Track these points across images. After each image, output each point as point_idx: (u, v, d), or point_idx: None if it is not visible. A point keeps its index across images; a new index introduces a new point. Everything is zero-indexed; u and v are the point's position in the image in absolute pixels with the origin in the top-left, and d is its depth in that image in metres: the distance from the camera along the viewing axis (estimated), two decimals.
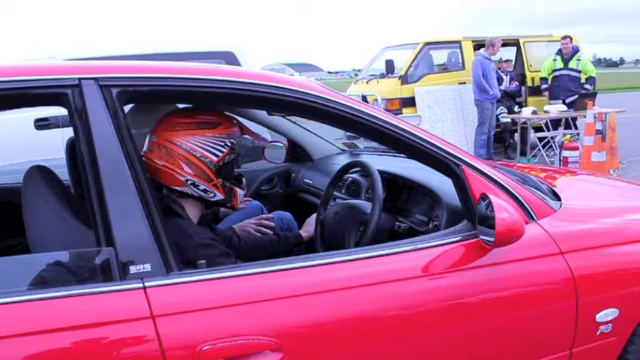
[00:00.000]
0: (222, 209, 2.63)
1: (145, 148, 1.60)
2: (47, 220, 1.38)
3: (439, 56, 9.48)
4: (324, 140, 3.11)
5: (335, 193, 2.40)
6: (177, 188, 1.58)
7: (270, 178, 3.11)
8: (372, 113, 1.49)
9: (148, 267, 1.20)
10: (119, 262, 1.18)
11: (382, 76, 9.05)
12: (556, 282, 1.57)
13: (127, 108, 2.50)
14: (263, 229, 2.33)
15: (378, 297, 1.39)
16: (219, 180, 1.61)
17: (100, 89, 1.27)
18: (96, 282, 1.18)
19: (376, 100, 8.45)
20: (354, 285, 1.38)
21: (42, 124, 5.58)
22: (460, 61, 9.02)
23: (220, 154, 1.59)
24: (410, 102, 8.51)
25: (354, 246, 1.84)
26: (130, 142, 1.26)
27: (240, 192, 1.72)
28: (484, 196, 1.46)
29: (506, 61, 9.02)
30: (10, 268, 1.21)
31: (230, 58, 5.70)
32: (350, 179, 2.43)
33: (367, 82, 9.40)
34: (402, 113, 8.28)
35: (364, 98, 8.77)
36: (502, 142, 8.65)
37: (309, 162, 3.07)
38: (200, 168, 1.57)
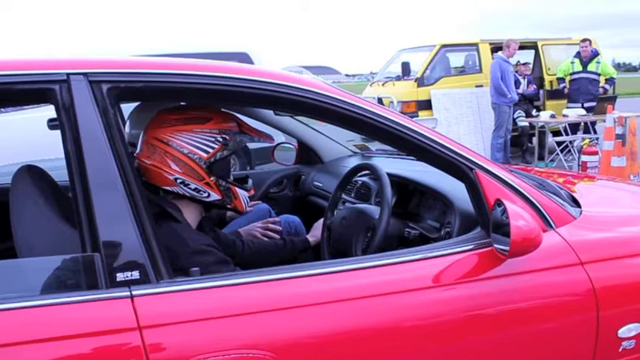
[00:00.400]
0: (228, 213, 2.56)
1: (138, 148, 1.53)
2: (35, 222, 1.32)
3: (456, 59, 9.35)
4: (335, 142, 3.02)
5: (344, 196, 2.31)
6: (169, 188, 1.50)
7: (280, 181, 3.03)
8: (380, 113, 1.40)
9: (136, 274, 1.13)
10: (105, 268, 1.11)
11: (398, 78, 8.97)
12: (575, 294, 1.46)
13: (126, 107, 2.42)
14: (270, 233, 2.25)
15: (385, 309, 1.31)
16: (211, 178, 1.52)
17: (90, 85, 1.20)
18: (80, 290, 1.11)
19: (392, 102, 8.36)
20: (359, 296, 1.29)
21: (55, 123, 5.56)
22: (477, 63, 8.89)
23: (210, 151, 1.50)
24: (426, 104, 8.40)
25: (361, 253, 1.75)
26: (120, 142, 1.19)
27: (244, 193, 1.63)
28: (499, 202, 1.37)
29: (524, 64, 8.87)
30: None
31: (244, 59, 5.67)
32: (360, 182, 2.34)
33: (383, 85, 9.31)
34: (418, 116, 8.18)
35: (380, 100, 8.69)
36: (519, 146, 8.50)
37: (319, 164, 2.98)
38: (189, 165, 1.49)
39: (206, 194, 1.53)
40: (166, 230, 1.43)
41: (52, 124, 5.56)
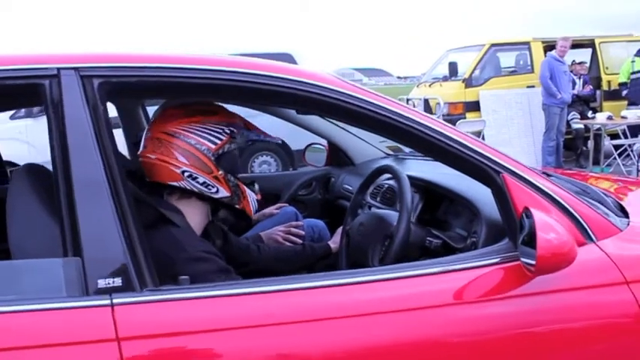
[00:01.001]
0: (255, 215, 2.48)
1: (141, 146, 1.46)
2: (28, 223, 1.26)
3: (507, 58, 9.03)
4: (367, 143, 2.89)
5: (370, 201, 2.19)
6: (175, 184, 1.43)
7: (309, 183, 2.92)
8: (394, 109, 1.28)
9: (118, 281, 1.05)
10: (86, 274, 1.04)
11: (445, 79, 8.73)
12: (619, 318, 1.29)
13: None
14: (292, 237, 2.16)
15: (398, 327, 1.18)
16: (220, 172, 1.45)
17: (81, 80, 1.13)
18: (57, 296, 1.04)
19: (439, 103, 8.15)
20: (369, 312, 1.17)
21: None
22: (529, 63, 8.55)
23: (218, 142, 1.43)
24: (474, 106, 8.13)
25: (378, 263, 1.62)
26: (109, 141, 1.12)
27: (252, 196, 1.54)
28: (527, 211, 1.22)
29: (579, 63, 8.46)
30: None
31: (288, 60, 5.63)
32: (386, 186, 2.20)
33: (430, 86, 9.11)
34: (465, 118, 7.94)
35: (426, 102, 8.50)
36: (574, 149, 8.10)
37: (350, 166, 2.86)
38: (196, 157, 1.41)
39: (215, 189, 1.46)
40: (164, 235, 1.35)
41: None
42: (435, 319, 1.21)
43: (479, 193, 1.63)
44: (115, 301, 1.04)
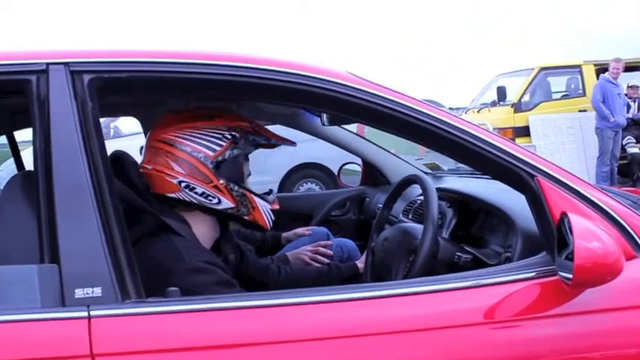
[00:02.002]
0: (283, 235, 2.38)
1: (142, 155, 1.38)
2: (16, 230, 1.18)
3: (557, 82, 8.75)
4: (403, 161, 2.77)
5: (402, 218, 2.05)
6: (172, 195, 1.32)
7: (342, 203, 2.82)
8: (415, 107, 1.15)
9: (97, 291, 0.95)
10: (63, 282, 0.94)
11: (494, 104, 8.52)
12: None
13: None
14: (319, 257, 2.03)
15: (417, 349, 1.04)
16: (220, 181, 1.32)
17: (71, 75, 1.06)
18: (31, 307, 0.94)
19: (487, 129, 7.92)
20: (382, 331, 1.03)
21: None
22: (581, 87, 8.24)
23: (217, 149, 1.31)
24: (524, 131, 7.86)
25: (401, 280, 1.47)
26: (96, 141, 1.04)
27: (264, 205, 1.41)
28: (565, 217, 1.06)
29: (631, 86, 8.08)
30: None
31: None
32: (418, 202, 2.06)
33: (478, 111, 8.89)
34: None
35: None
36: (629, 175, 7.68)
37: (385, 185, 2.73)
38: (193, 165, 1.30)
39: (216, 200, 1.33)
40: (165, 243, 1.26)
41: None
42: (460, 340, 1.05)
43: (515, 204, 1.47)
44: (92, 313, 0.93)
